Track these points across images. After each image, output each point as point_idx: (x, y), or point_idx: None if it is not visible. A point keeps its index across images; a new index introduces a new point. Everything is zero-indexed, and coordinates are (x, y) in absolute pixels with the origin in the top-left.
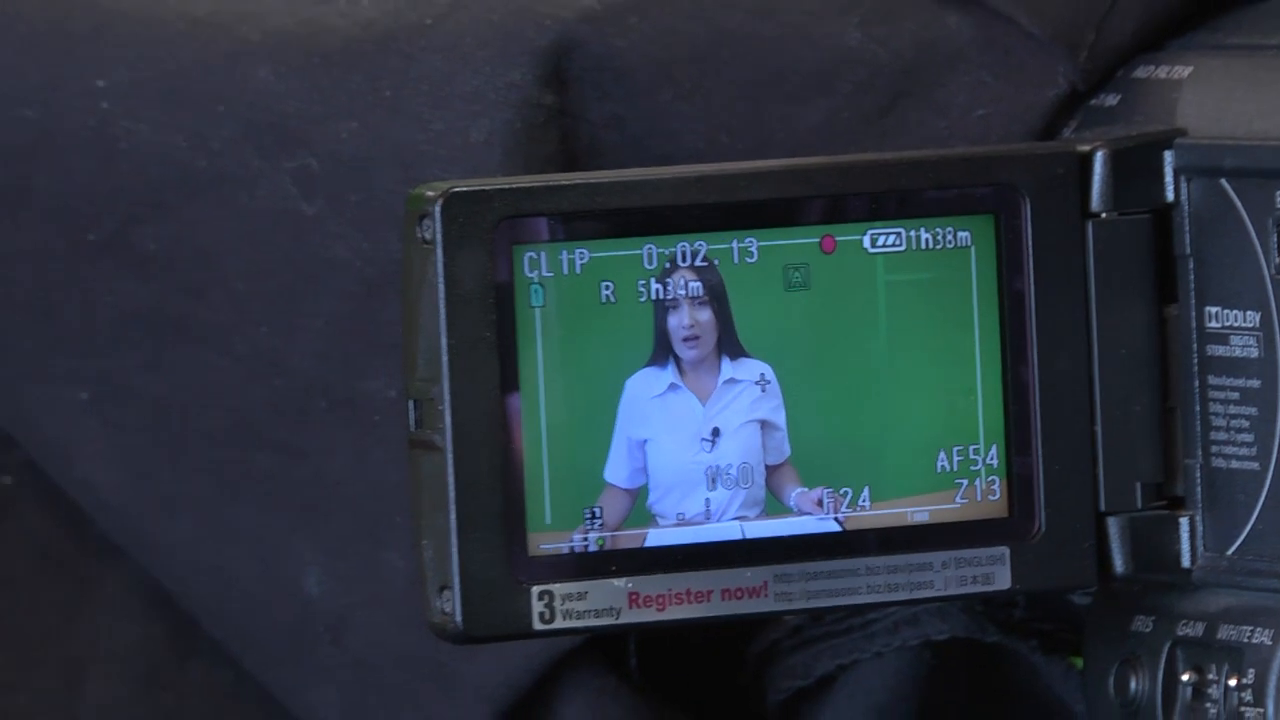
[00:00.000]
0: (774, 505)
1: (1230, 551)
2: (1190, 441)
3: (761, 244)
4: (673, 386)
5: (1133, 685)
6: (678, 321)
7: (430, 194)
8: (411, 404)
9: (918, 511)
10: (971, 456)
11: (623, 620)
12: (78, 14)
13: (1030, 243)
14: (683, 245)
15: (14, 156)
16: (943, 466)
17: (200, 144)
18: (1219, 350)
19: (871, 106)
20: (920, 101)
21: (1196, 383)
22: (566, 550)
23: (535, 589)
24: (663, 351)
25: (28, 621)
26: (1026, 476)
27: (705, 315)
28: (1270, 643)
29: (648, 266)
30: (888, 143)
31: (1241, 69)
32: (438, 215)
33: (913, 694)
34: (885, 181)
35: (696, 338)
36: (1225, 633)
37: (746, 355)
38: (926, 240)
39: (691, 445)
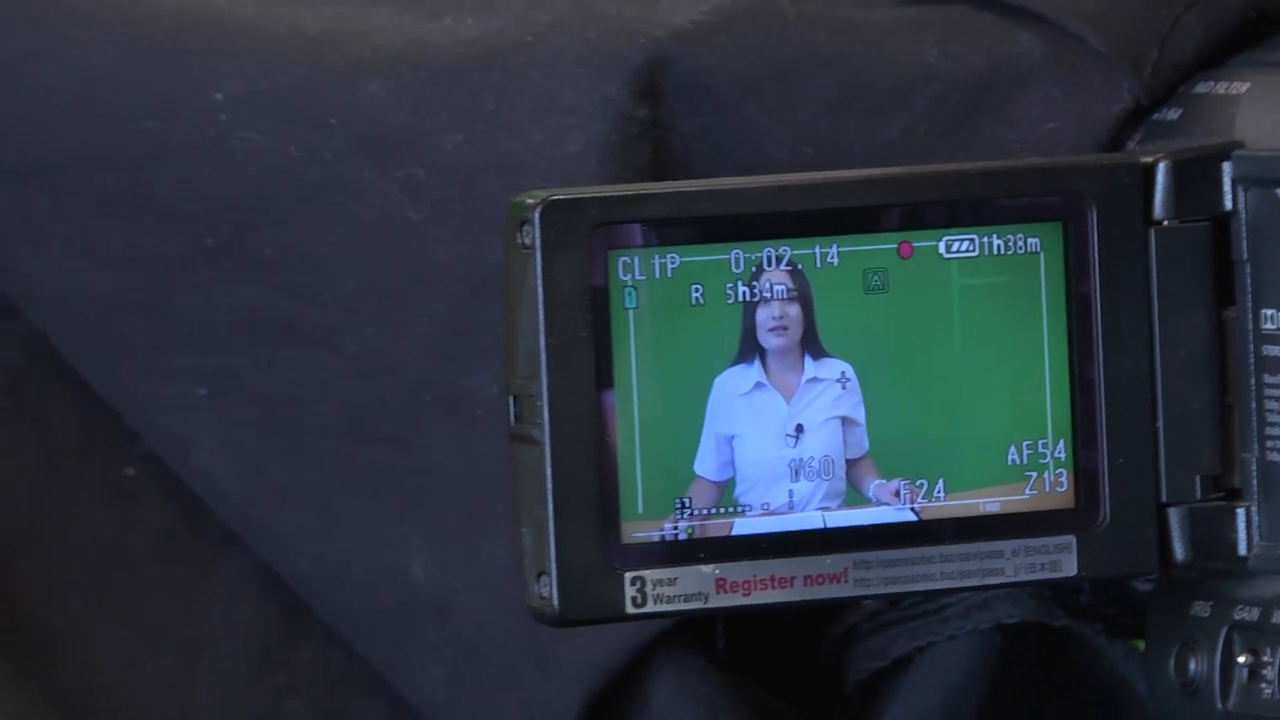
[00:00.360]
0: (854, 496)
1: None
2: (1247, 436)
3: (842, 249)
4: (758, 385)
5: (1192, 667)
6: (766, 314)
7: (530, 202)
8: (512, 400)
9: (989, 502)
10: (1040, 450)
11: (710, 604)
12: (197, 31)
13: (1096, 249)
14: (768, 250)
15: (137, 165)
16: (1013, 460)
17: (313, 154)
18: (1274, 350)
19: (946, 120)
20: (992, 116)
21: (1253, 381)
22: (657, 538)
23: (628, 575)
24: (749, 351)
25: (150, 604)
26: (1092, 469)
27: (792, 313)
28: None
29: (735, 270)
30: (961, 154)
31: None
32: (537, 222)
33: (984, 675)
34: (960, 190)
35: (785, 329)
36: (1279, 617)
37: (828, 355)
38: (998, 246)
39: (776, 440)
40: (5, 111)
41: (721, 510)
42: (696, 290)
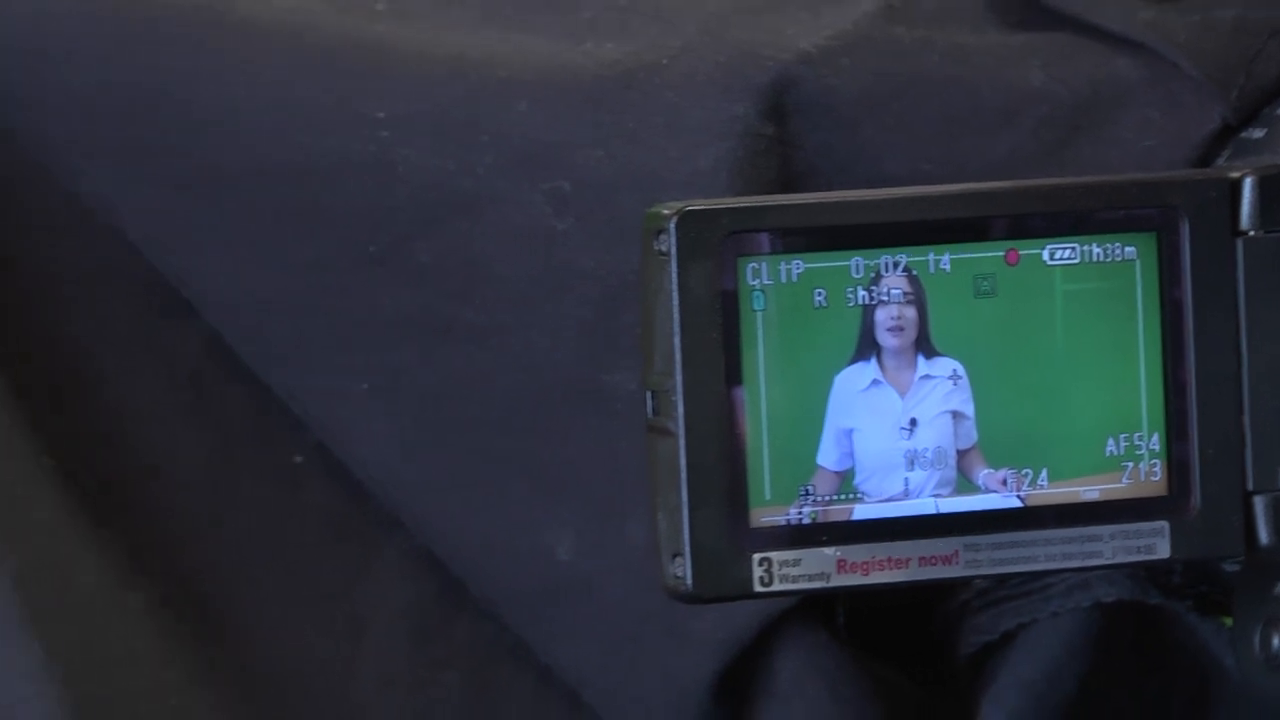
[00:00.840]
0: (964, 484)
1: None
2: None
3: (954, 256)
4: (875, 382)
5: (1275, 643)
6: (883, 316)
7: (666, 212)
8: (649, 395)
9: (1088, 490)
10: (1136, 443)
11: (832, 584)
12: (361, 55)
13: (1188, 257)
14: (886, 257)
15: (305, 178)
16: (1111, 451)
17: (467, 168)
18: None
19: (1051, 139)
20: (1094, 135)
21: None
22: (783, 523)
23: (756, 556)
24: (866, 350)
25: (317, 583)
26: (1184, 460)
27: (908, 315)
28: None
29: (855, 276)
30: (1064, 170)
31: None
32: (672, 231)
33: (1084, 649)
34: (1062, 203)
35: (901, 329)
36: None
37: (940, 354)
38: (1097, 254)
39: (892, 433)
40: (189, 128)
41: (842, 497)
42: (819, 294)
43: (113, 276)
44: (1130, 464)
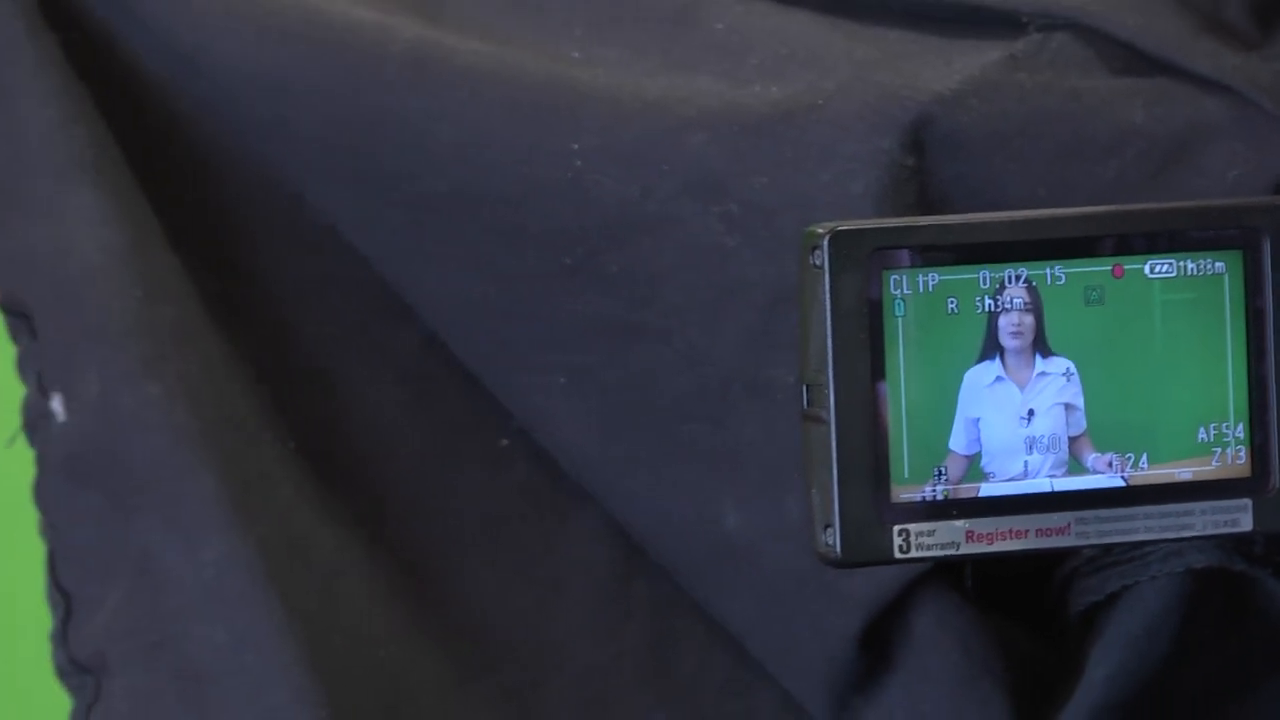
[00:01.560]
0: (1075, 466)
1: None
2: None
3: (1067, 270)
4: (999, 379)
5: None
6: (1006, 322)
7: (820, 231)
8: (804, 388)
9: (1182, 471)
10: (1223, 431)
11: (961, 551)
12: (560, 95)
13: (1269, 271)
14: (1009, 271)
15: (511, 201)
16: (1202, 438)
17: (649, 193)
18: None
19: (1150, 169)
20: (1187, 165)
21: None
22: (919, 499)
23: (895, 527)
24: (991, 351)
25: (519, 549)
26: (1264, 446)
27: (1028, 321)
28: None
29: (982, 287)
30: (1161, 196)
31: None
32: (826, 247)
33: (1178, 608)
34: (1161, 224)
35: (1020, 333)
36: None
37: (1054, 354)
38: (1191, 269)
39: (1013, 422)
40: (412, 158)
41: (970, 477)
42: (951, 302)
43: (345, 285)
44: (1218, 449)
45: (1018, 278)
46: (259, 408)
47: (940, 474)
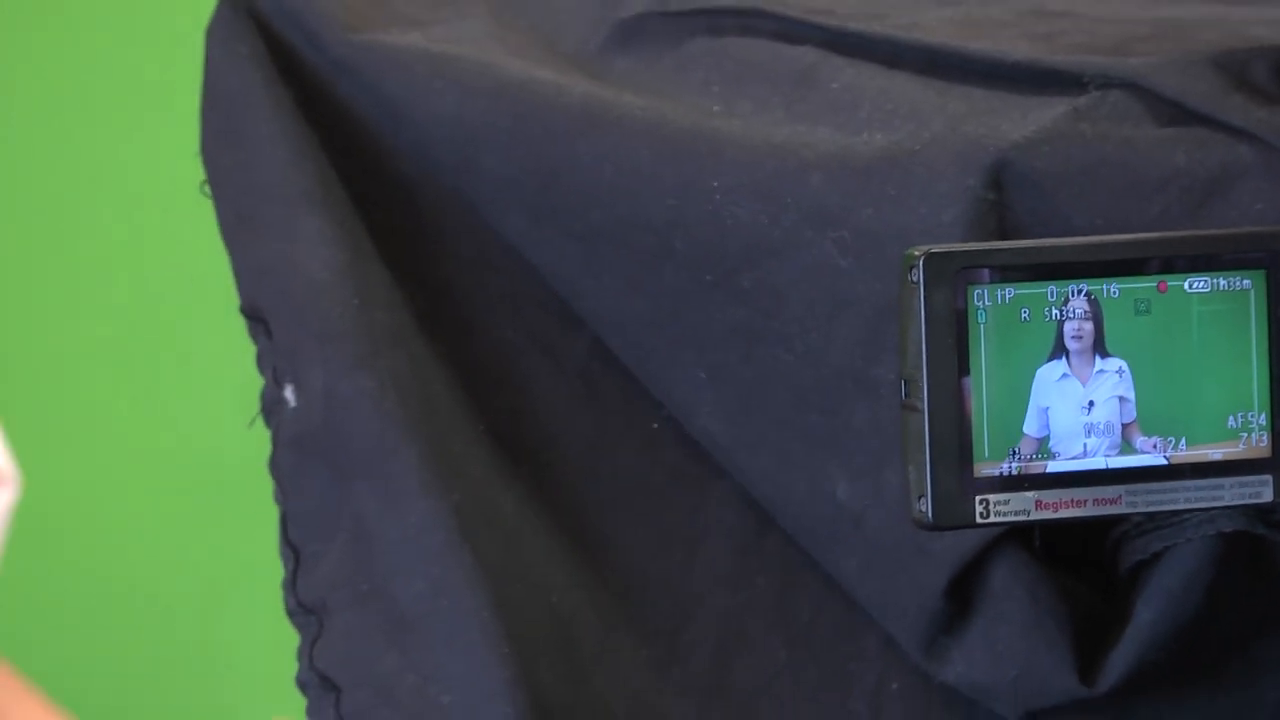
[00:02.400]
0: (1126, 447)
1: None
2: None
3: (1121, 286)
4: (1064, 375)
5: None
6: (1071, 328)
7: (917, 253)
8: (903, 383)
9: (1214, 452)
10: (1249, 419)
11: (1031, 518)
12: (701, 140)
13: None
14: (1073, 286)
15: (662, 229)
16: (1231, 425)
17: (776, 222)
18: None
19: (1191, 203)
20: (1220, 199)
21: None
22: (997, 474)
23: (977, 498)
24: (1058, 352)
25: (666, 514)
26: None
27: (1088, 328)
28: None
29: (1050, 299)
30: (1199, 225)
31: None
32: (921, 266)
33: (1210, 567)
34: (1198, 248)
35: (1081, 338)
36: None
37: (1110, 355)
38: (1223, 285)
39: (1075, 411)
40: (581, 193)
41: (1039, 456)
42: (1024, 312)
43: (525, 297)
44: (1245, 434)
45: (1079, 292)
46: (453, 398)
47: (1014, 453)
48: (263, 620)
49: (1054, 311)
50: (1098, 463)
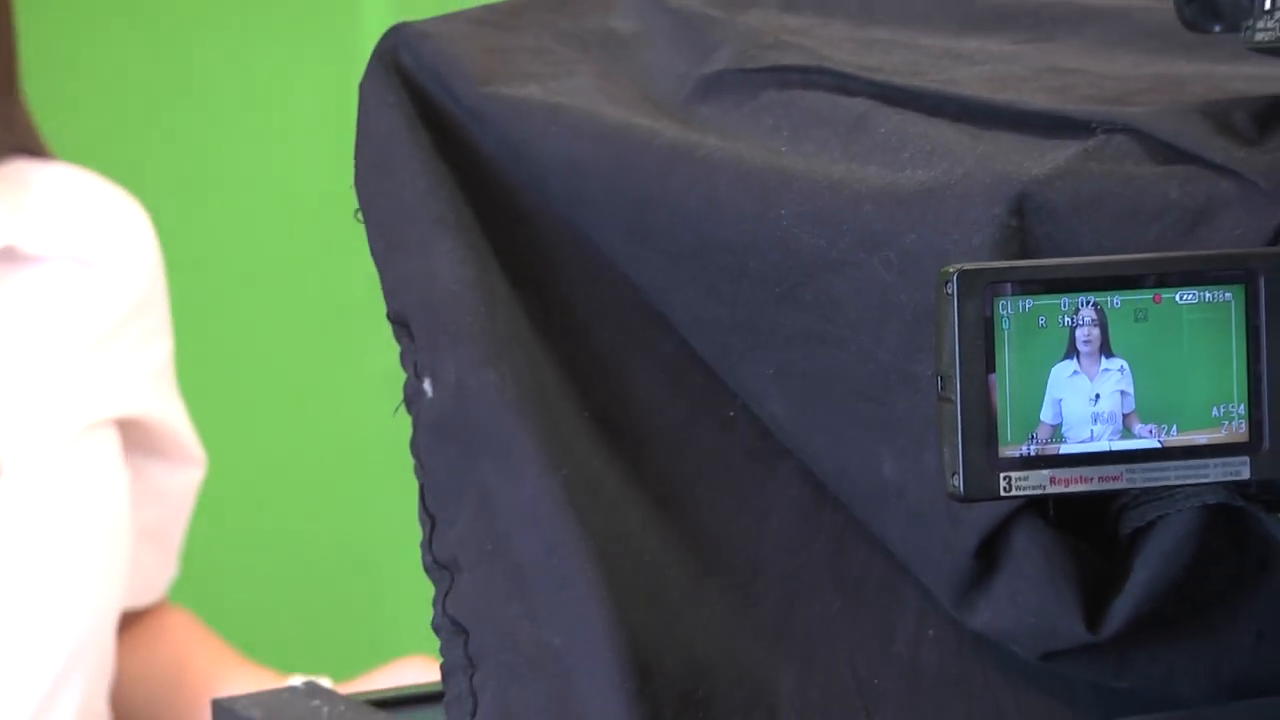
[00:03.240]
0: (1126, 433)
1: None
2: None
3: (1122, 298)
4: (1075, 372)
5: None
6: (1081, 333)
7: (952, 270)
8: (939, 379)
9: (1201, 437)
10: (1230, 409)
11: (1046, 491)
12: (772, 175)
13: (1263, 298)
14: (1082, 298)
15: (738, 249)
16: (1215, 414)
17: (834, 245)
18: None
19: (1182, 229)
20: (1207, 226)
21: None
22: (1018, 454)
23: (1001, 474)
24: (1070, 353)
25: (739, 488)
26: (1259, 420)
27: (1095, 332)
28: None
29: (1063, 309)
30: (1189, 247)
31: None
32: (955, 281)
33: (1197, 533)
34: (1188, 266)
35: (1090, 341)
36: None
37: (1114, 355)
38: (1209, 297)
39: (1084, 402)
40: (669, 218)
41: (1053, 440)
42: (1041, 319)
43: (624, 305)
44: (1226, 422)
45: (1088, 303)
46: (562, 388)
47: (1033, 438)
48: (410, 575)
49: (1066, 319)
50: (1102, 446)
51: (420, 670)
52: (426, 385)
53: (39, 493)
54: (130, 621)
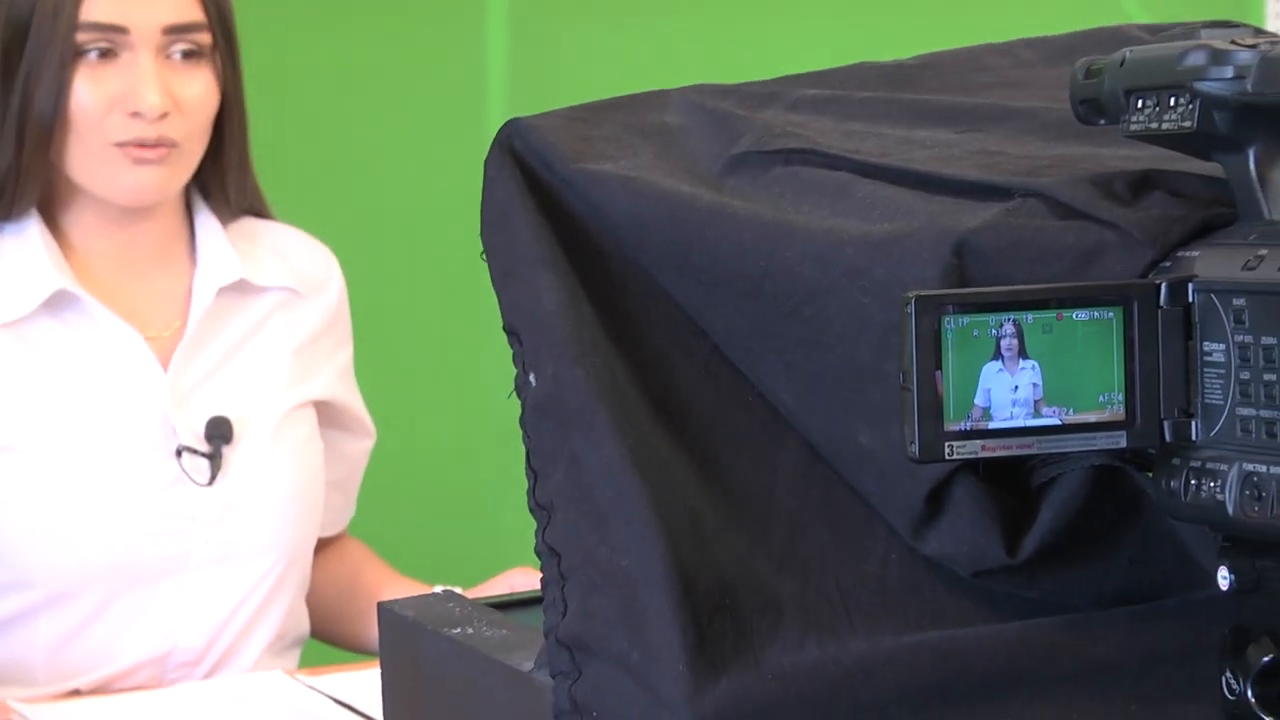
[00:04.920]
0: (1036, 414)
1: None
2: (1193, 391)
3: (1034, 316)
4: (1000, 370)
5: (1173, 484)
6: (1005, 342)
7: (911, 295)
8: (901, 374)
9: (1090, 417)
10: (1112, 397)
11: (979, 456)
12: (780, 226)
13: (1136, 317)
14: (1005, 316)
15: (755, 278)
16: (1101, 400)
17: (825, 275)
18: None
19: (1077, 266)
20: (1095, 265)
21: (1196, 363)
22: (958, 429)
23: (945, 443)
24: (996, 356)
25: (758, 448)
26: (1133, 405)
27: (1014, 341)
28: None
29: (991, 324)
30: (1083, 279)
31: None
32: (913, 303)
33: (1087, 486)
34: (1082, 294)
35: (1010, 347)
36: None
37: (1028, 357)
38: (1097, 315)
39: (1008, 391)
40: (705, 257)
41: (983, 419)
42: (975, 331)
43: (672, 319)
44: (1109, 406)
45: (1009, 320)
46: (629, 382)
47: (969, 417)
48: (519, 513)
49: (993, 331)
50: (1019, 423)
51: (525, 579)
52: (531, 378)
53: (263, 454)
54: (322, 546)
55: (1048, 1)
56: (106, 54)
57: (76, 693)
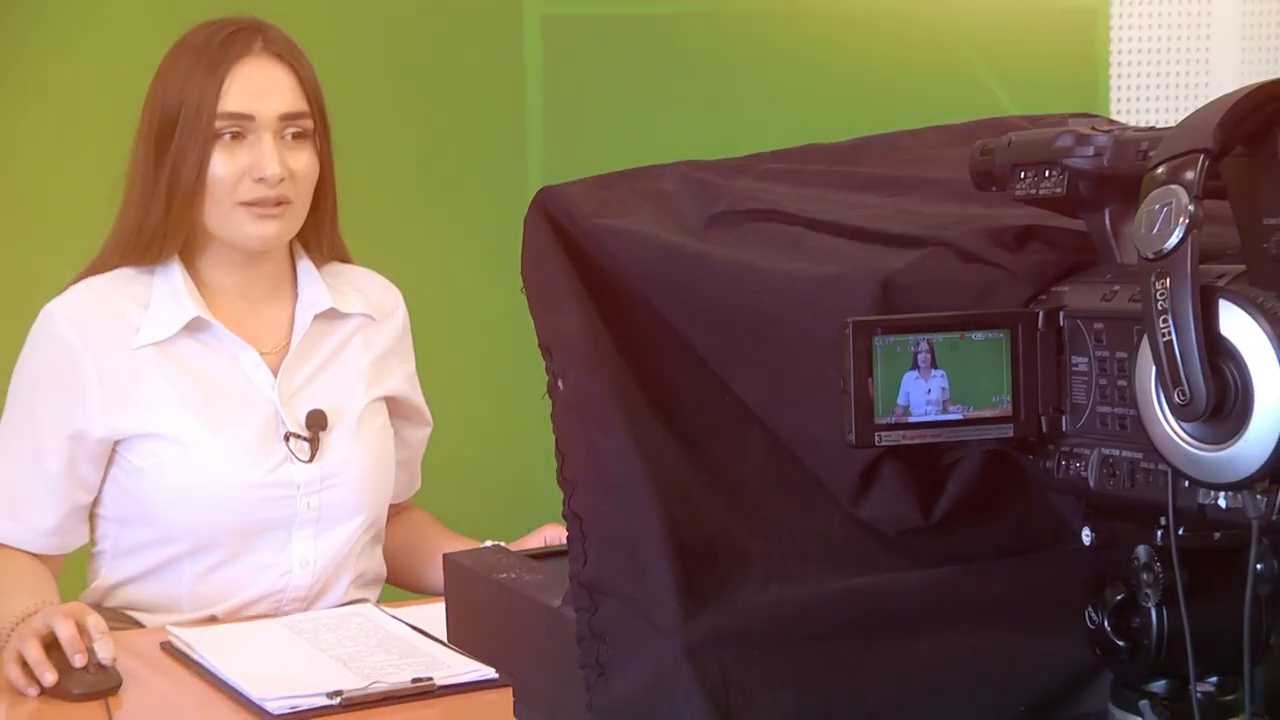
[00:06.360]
0: (944, 410)
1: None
2: (1078, 392)
3: (944, 336)
4: (917, 378)
5: (1048, 465)
6: (921, 356)
7: (849, 321)
8: (842, 380)
9: (986, 413)
10: (1002, 398)
11: (902, 443)
12: (752, 270)
13: (1021, 339)
14: (921, 337)
15: (734, 307)
16: (994, 400)
17: (783, 306)
18: (1078, 362)
19: (975, 298)
20: (990, 297)
21: (1083, 366)
22: (885, 422)
23: (876, 433)
24: (913, 367)
25: (731, 437)
26: (1018, 404)
27: (928, 355)
28: None
29: (910, 343)
30: (981, 308)
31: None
32: (851, 326)
33: (984, 465)
34: (979, 320)
35: (925, 361)
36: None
37: (939, 368)
38: (991, 336)
39: (922, 394)
40: (693, 291)
41: (905, 415)
42: (899, 348)
43: (669, 339)
44: (1000, 404)
45: (924, 339)
46: (639, 384)
47: (893, 413)
48: (549, 486)
49: (912, 348)
50: (932, 418)
51: (556, 533)
52: (559, 384)
53: (348, 439)
54: (393, 512)
55: (943, 96)
56: (236, 135)
57: (214, 619)
